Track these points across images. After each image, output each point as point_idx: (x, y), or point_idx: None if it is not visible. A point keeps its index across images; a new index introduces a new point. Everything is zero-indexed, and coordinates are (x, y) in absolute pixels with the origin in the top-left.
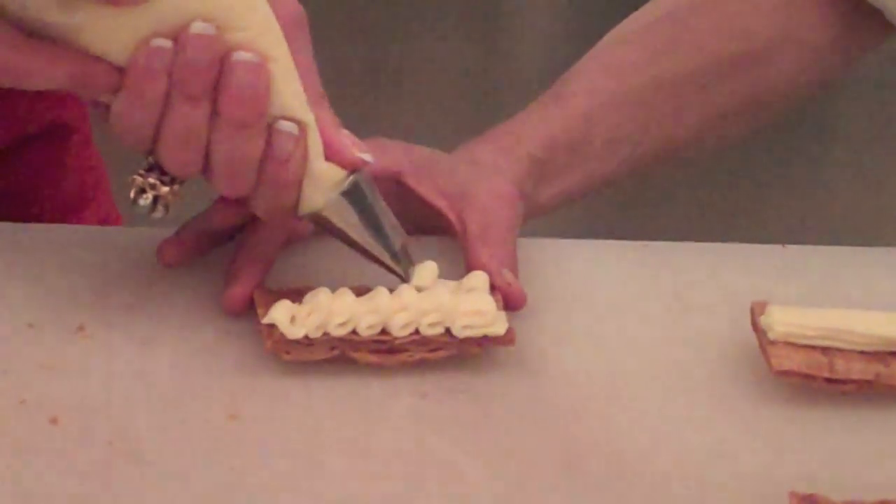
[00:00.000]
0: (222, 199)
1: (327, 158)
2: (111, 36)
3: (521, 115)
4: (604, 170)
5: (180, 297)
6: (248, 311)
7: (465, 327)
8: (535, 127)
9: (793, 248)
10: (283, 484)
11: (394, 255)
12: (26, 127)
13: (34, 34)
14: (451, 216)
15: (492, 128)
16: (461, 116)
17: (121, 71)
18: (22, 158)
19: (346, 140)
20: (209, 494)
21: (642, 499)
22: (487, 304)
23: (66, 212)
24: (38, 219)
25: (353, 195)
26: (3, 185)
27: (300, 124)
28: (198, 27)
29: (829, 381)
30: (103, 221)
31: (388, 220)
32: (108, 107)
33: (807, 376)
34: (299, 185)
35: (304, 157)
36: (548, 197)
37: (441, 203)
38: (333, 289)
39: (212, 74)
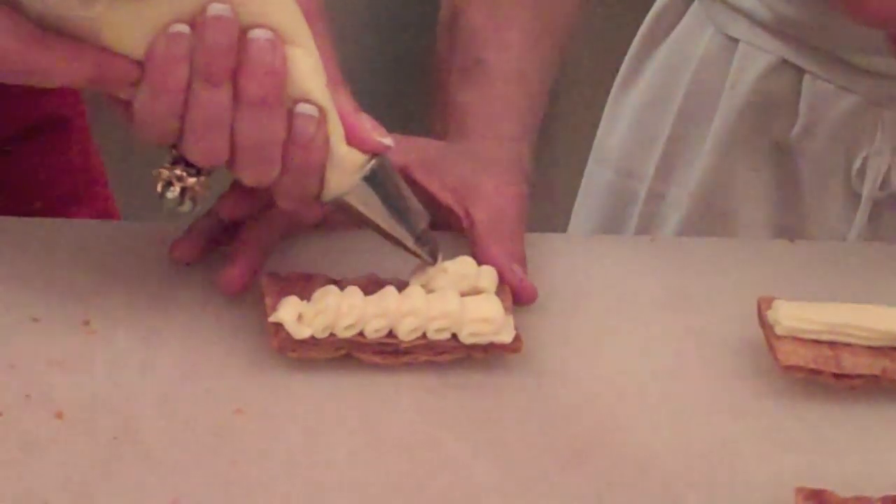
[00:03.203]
0: (231, 190)
1: (348, 144)
2: (130, 27)
3: (468, 97)
4: (544, 108)
5: (185, 291)
6: (254, 299)
7: (472, 334)
8: (501, 109)
9: (800, 243)
10: (288, 478)
11: (417, 239)
12: (24, 120)
13: (52, 30)
14: (459, 211)
15: (454, 116)
16: None
17: (140, 65)
18: (20, 152)
19: (367, 125)
20: (214, 488)
21: (647, 495)
22: (495, 310)
23: (65, 205)
24: (37, 212)
25: (375, 179)
26: (1, 178)
27: (320, 108)
28: (215, 9)
29: (836, 376)
30: (101, 215)
31: (411, 203)
32: (128, 104)
33: (814, 371)
34: (322, 170)
35: (326, 141)
36: (531, 162)
37: (448, 198)
38: (340, 277)
39: (232, 56)
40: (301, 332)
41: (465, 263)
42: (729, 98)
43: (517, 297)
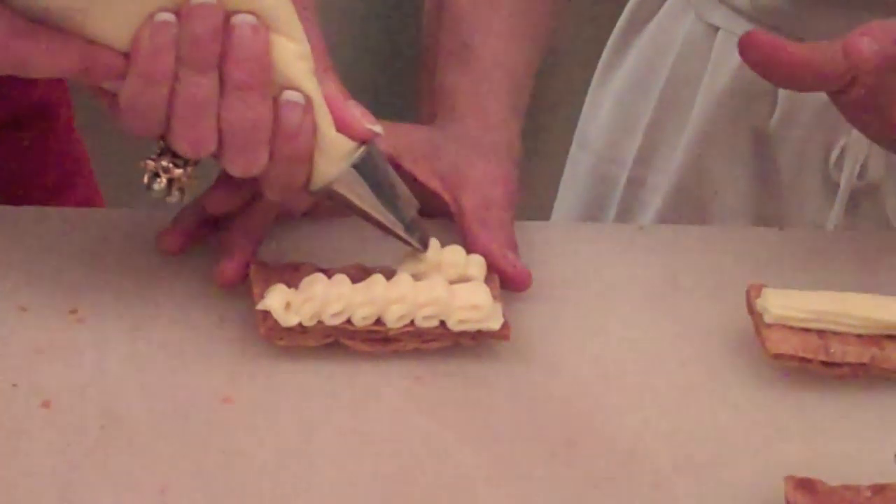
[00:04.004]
0: (218, 184)
1: (337, 131)
2: (115, 17)
3: (455, 80)
4: (529, 93)
5: (173, 279)
6: (242, 288)
7: (461, 321)
8: (488, 92)
9: (789, 232)
10: (276, 466)
11: (407, 227)
12: (9, 109)
13: (37, 21)
14: (447, 198)
15: (441, 99)
16: None
17: (126, 56)
18: (4, 141)
19: (356, 111)
20: (202, 477)
21: (636, 483)
22: (484, 298)
23: (49, 195)
24: (21, 202)
25: (364, 167)
26: None
27: (307, 96)
28: None
29: (824, 364)
30: (86, 204)
31: (400, 190)
32: (114, 96)
33: (802, 359)
34: (310, 158)
35: (313, 129)
36: (520, 144)
37: (437, 185)
38: (328, 265)
39: (217, 43)
40: (289, 319)
41: (453, 252)
42: (709, 85)
43: (512, 283)
